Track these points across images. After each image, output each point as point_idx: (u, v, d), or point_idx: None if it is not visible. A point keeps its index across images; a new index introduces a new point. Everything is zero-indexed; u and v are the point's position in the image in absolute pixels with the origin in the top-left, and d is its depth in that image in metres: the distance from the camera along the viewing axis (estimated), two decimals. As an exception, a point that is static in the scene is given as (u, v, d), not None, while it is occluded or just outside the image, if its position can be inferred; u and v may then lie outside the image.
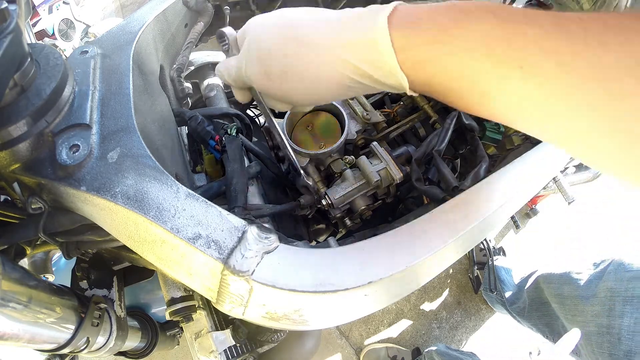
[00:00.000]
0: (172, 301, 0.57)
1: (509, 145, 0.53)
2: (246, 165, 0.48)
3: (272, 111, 0.43)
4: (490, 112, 0.27)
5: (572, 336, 0.74)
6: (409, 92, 0.30)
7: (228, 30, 0.39)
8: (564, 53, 0.22)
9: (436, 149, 0.45)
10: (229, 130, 0.50)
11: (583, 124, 0.22)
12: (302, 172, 0.46)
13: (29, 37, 0.71)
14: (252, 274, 0.29)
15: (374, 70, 0.29)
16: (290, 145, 0.47)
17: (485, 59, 0.25)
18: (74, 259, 0.56)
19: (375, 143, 0.48)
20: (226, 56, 0.40)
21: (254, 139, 0.60)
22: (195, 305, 0.58)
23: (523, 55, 0.23)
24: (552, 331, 0.88)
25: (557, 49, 0.22)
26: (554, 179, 0.97)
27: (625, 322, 0.64)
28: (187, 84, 0.62)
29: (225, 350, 0.55)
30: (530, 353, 0.81)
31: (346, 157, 0.48)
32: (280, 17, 0.34)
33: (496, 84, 0.25)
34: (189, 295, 0.59)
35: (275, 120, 0.43)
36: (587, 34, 0.21)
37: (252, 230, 0.31)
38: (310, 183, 0.46)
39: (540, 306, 0.94)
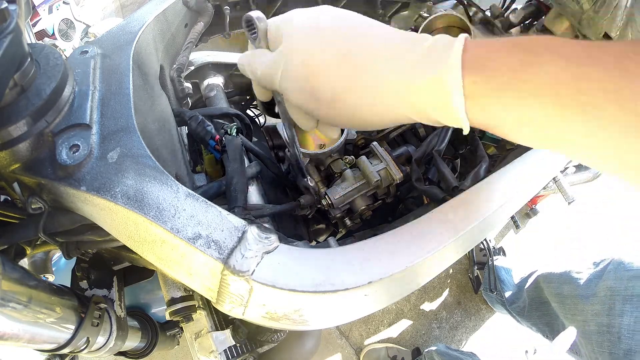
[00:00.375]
0: (172, 301, 0.57)
1: (509, 145, 0.53)
2: (246, 165, 0.48)
3: (272, 111, 0.43)
4: (549, 149, 0.27)
5: (568, 335, 0.75)
6: (466, 132, 0.29)
7: (258, 15, 0.33)
8: (625, 96, 0.21)
9: (436, 149, 0.45)
10: (229, 130, 0.50)
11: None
12: (307, 174, 0.45)
13: (29, 37, 0.71)
14: (252, 274, 0.29)
15: (437, 113, 0.28)
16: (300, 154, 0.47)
17: (553, 105, 0.24)
18: (74, 259, 0.56)
19: (375, 143, 0.48)
20: (253, 46, 0.35)
21: (254, 139, 0.60)
22: (195, 305, 0.58)
23: (587, 99, 0.23)
24: (552, 330, 0.89)
25: (617, 90, 0.22)
26: (554, 179, 0.97)
27: (625, 321, 0.64)
28: (187, 84, 0.62)
29: (225, 350, 0.55)
30: (527, 352, 0.82)
31: (346, 157, 0.48)
32: (335, 28, 0.30)
33: (559, 128, 0.24)
34: (189, 295, 0.59)
35: (274, 120, 0.42)
36: (637, 65, 0.21)
37: (252, 230, 0.31)
38: (313, 185, 0.46)
39: (540, 305, 0.94)
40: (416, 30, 0.54)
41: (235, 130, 0.50)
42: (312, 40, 0.30)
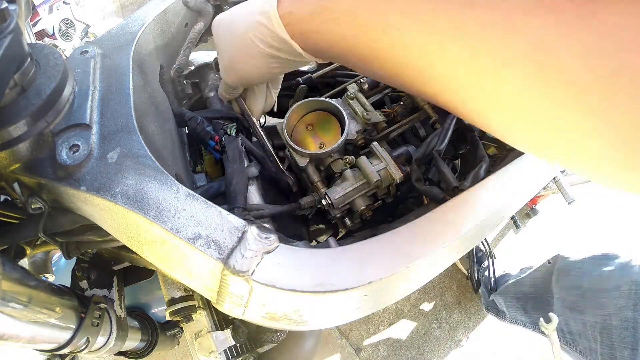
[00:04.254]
0: (172, 301, 0.57)
1: (509, 145, 0.52)
2: (246, 166, 0.48)
3: (271, 111, 0.50)
4: (374, 74, 0.32)
5: (552, 322, 0.74)
6: (312, 59, 0.36)
7: None
8: (425, 13, 0.23)
9: (436, 149, 0.45)
10: (228, 130, 0.50)
11: (445, 81, 0.24)
12: (283, 169, 0.49)
13: (29, 37, 0.70)
14: (252, 274, 0.29)
15: (277, 43, 0.35)
16: (290, 147, 0.47)
17: (352, 28, 0.28)
18: (74, 259, 0.56)
19: (375, 143, 0.47)
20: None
21: (254, 139, 0.60)
22: (195, 305, 0.58)
23: (385, 21, 0.25)
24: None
25: (418, 13, 0.23)
26: (554, 179, 0.97)
27: None
28: (187, 84, 0.62)
29: (225, 350, 0.55)
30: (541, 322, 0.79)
31: (346, 157, 0.48)
32: (221, 20, 0.40)
33: (366, 49, 0.28)
34: (189, 295, 0.59)
35: (274, 121, 0.45)
36: None
37: (252, 231, 0.31)
38: (291, 182, 0.48)
39: (535, 299, 0.93)
40: None
41: (234, 130, 0.50)
42: (216, 36, 0.40)
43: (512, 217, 1.30)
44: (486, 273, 1.23)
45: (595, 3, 0.17)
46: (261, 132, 0.49)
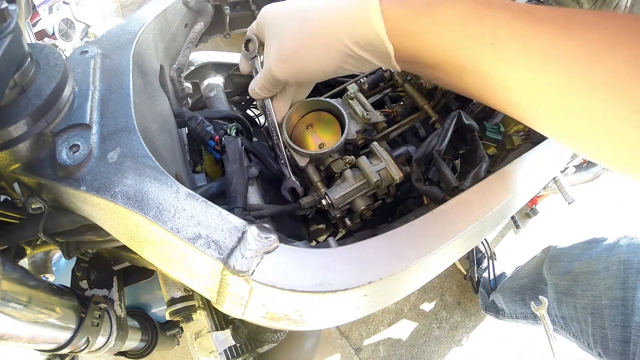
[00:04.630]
0: (172, 301, 0.57)
1: (509, 145, 0.53)
2: (246, 166, 0.48)
3: None
4: (465, 86, 0.31)
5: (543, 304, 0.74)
6: (395, 65, 0.34)
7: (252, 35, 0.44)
8: (530, 36, 0.25)
9: (436, 149, 0.45)
10: (228, 130, 0.50)
11: (542, 98, 0.26)
12: (291, 175, 0.48)
13: (29, 37, 0.71)
14: (252, 274, 0.29)
15: (367, 40, 0.32)
16: (290, 147, 0.47)
17: (461, 34, 0.28)
18: (74, 259, 0.56)
19: (375, 143, 0.47)
20: (252, 68, 0.45)
21: (254, 139, 0.60)
22: (195, 305, 0.58)
23: (495, 34, 0.26)
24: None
25: (524, 32, 0.25)
26: (554, 179, 0.97)
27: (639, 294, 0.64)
28: (187, 84, 0.62)
29: (225, 350, 0.55)
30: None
31: (346, 157, 0.48)
32: (286, 7, 0.38)
33: (470, 58, 0.28)
34: (189, 295, 0.59)
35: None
36: (554, 22, 0.25)
37: (252, 231, 0.31)
38: (305, 202, 0.47)
39: (531, 291, 0.94)
40: None
41: (234, 130, 0.50)
42: (277, 26, 0.38)
43: (512, 217, 1.30)
44: (485, 274, 1.23)
45: None
46: (280, 136, 0.47)
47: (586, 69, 0.23)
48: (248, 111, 0.77)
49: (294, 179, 0.47)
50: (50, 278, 0.66)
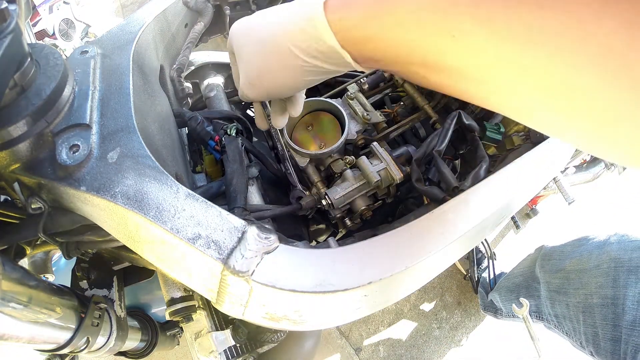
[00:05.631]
0: (172, 301, 0.57)
1: (509, 145, 0.53)
2: (246, 166, 0.48)
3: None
4: (436, 82, 0.29)
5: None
6: (359, 68, 0.32)
7: None
8: (497, 20, 0.21)
9: (436, 149, 0.45)
10: (228, 130, 0.50)
11: (523, 86, 0.23)
12: (299, 185, 0.47)
13: (29, 37, 0.70)
14: (251, 274, 0.29)
15: (323, 53, 0.32)
16: (290, 147, 0.47)
17: (417, 32, 0.25)
18: (74, 259, 0.56)
19: (375, 143, 0.47)
20: None
21: (254, 139, 0.60)
22: (195, 305, 0.58)
23: (455, 25, 0.23)
24: (539, 312, 0.89)
25: (490, 17, 0.22)
26: (554, 179, 0.97)
27: (630, 293, 0.63)
28: (187, 84, 0.62)
29: (225, 350, 0.55)
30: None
31: (346, 157, 0.48)
32: (247, 27, 0.37)
33: (432, 55, 0.26)
34: (189, 295, 0.59)
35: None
36: None
37: (252, 231, 0.31)
38: (307, 198, 0.46)
39: (526, 289, 0.94)
40: None
41: (234, 130, 0.50)
42: (239, 43, 0.37)
43: (512, 217, 1.30)
44: (484, 274, 1.23)
45: None
46: (283, 144, 0.48)
47: (571, 45, 0.20)
48: (248, 111, 0.77)
49: (300, 187, 0.48)
50: (50, 278, 0.66)
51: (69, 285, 0.54)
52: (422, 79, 0.30)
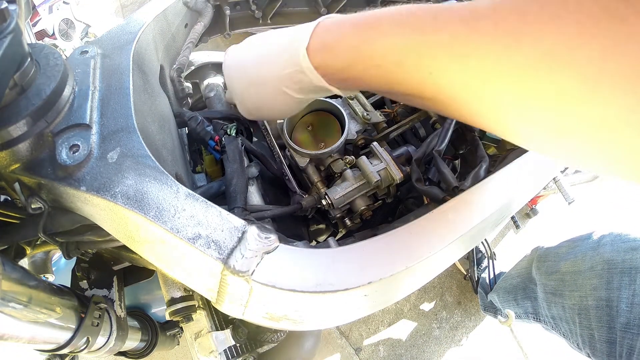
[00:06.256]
0: (172, 301, 0.57)
1: (509, 145, 0.53)
2: (246, 166, 0.48)
3: None
4: (417, 105, 0.33)
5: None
6: (346, 94, 0.37)
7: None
8: (471, 56, 0.22)
9: (436, 149, 0.45)
10: (228, 130, 0.50)
11: (511, 113, 0.23)
12: (297, 190, 0.48)
13: (29, 37, 0.70)
14: (252, 274, 0.29)
15: (313, 90, 0.34)
16: (290, 147, 0.47)
17: (396, 71, 0.27)
18: (74, 259, 0.56)
19: (375, 143, 0.47)
20: None
21: (254, 139, 0.60)
22: (195, 305, 0.58)
23: (433, 63, 0.25)
24: (536, 313, 0.89)
25: (465, 53, 0.23)
26: (554, 179, 0.97)
27: (624, 294, 0.63)
28: (187, 84, 0.62)
29: (225, 350, 0.55)
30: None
31: (346, 157, 0.48)
32: (236, 61, 0.40)
33: (412, 89, 0.27)
34: (189, 295, 0.59)
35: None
36: (497, 29, 0.21)
37: (252, 231, 0.31)
38: (307, 198, 0.47)
39: (523, 290, 0.94)
40: None
41: (234, 130, 0.50)
42: (230, 78, 0.41)
43: (512, 217, 1.30)
44: (484, 274, 1.23)
45: (624, 24, 0.16)
46: (280, 155, 0.49)
47: (545, 77, 0.20)
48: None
49: (300, 192, 0.48)
50: (50, 278, 0.66)
51: (69, 285, 0.54)
52: (406, 102, 0.33)
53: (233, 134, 0.50)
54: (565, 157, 0.24)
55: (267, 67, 0.36)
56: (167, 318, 0.57)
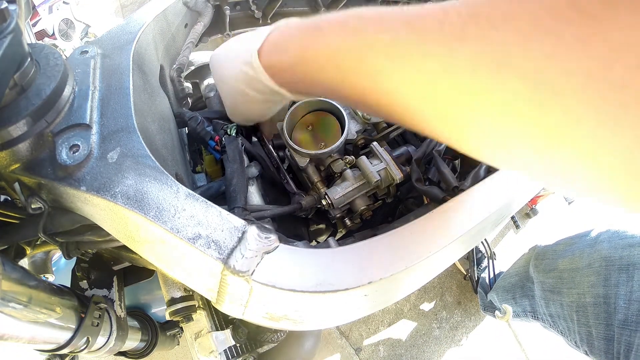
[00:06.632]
0: (172, 301, 0.57)
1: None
2: (246, 166, 0.48)
3: None
4: (366, 110, 0.34)
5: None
6: (299, 99, 0.38)
7: None
8: (410, 54, 0.21)
9: (436, 149, 0.45)
10: (228, 130, 0.50)
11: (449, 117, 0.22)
12: (295, 190, 0.48)
13: (29, 37, 0.71)
14: (252, 274, 0.29)
15: (267, 90, 0.35)
16: (290, 147, 0.47)
17: (337, 74, 0.27)
18: (74, 259, 0.56)
19: (375, 143, 0.47)
20: None
21: (254, 139, 0.60)
22: (195, 305, 0.58)
23: (373, 66, 0.24)
24: (534, 311, 0.89)
25: (407, 54, 0.22)
26: (554, 179, 0.97)
27: (622, 291, 0.63)
28: (187, 84, 0.62)
29: (225, 350, 0.55)
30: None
31: (346, 157, 0.48)
32: (216, 64, 0.42)
33: (356, 92, 0.27)
34: (189, 295, 0.59)
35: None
36: (442, 29, 0.20)
37: (252, 231, 0.31)
38: (307, 198, 0.47)
39: (521, 288, 0.94)
40: None
41: (234, 130, 0.50)
42: (215, 78, 0.43)
43: (512, 217, 1.30)
44: (483, 274, 1.23)
45: (596, 20, 0.14)
46: (278, 160, 0.50)
47: (491, 80, 0.18)
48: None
49: (299, 192, 0.48)
50: (50, 278, 0.66)
51: (69, 285, 0.54)
52: (360, 109, 0.34)
53: (233, 134, 0.50)
54: (520, 168, 0.22)
55: (226, 66, 0.39)
56: (167, 318, 0.57)
